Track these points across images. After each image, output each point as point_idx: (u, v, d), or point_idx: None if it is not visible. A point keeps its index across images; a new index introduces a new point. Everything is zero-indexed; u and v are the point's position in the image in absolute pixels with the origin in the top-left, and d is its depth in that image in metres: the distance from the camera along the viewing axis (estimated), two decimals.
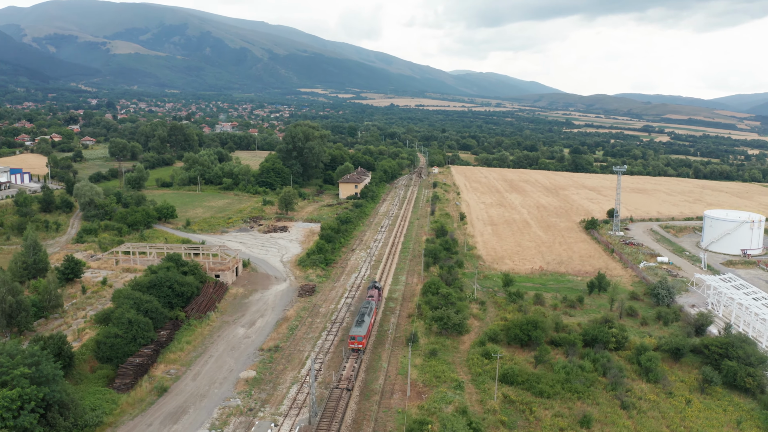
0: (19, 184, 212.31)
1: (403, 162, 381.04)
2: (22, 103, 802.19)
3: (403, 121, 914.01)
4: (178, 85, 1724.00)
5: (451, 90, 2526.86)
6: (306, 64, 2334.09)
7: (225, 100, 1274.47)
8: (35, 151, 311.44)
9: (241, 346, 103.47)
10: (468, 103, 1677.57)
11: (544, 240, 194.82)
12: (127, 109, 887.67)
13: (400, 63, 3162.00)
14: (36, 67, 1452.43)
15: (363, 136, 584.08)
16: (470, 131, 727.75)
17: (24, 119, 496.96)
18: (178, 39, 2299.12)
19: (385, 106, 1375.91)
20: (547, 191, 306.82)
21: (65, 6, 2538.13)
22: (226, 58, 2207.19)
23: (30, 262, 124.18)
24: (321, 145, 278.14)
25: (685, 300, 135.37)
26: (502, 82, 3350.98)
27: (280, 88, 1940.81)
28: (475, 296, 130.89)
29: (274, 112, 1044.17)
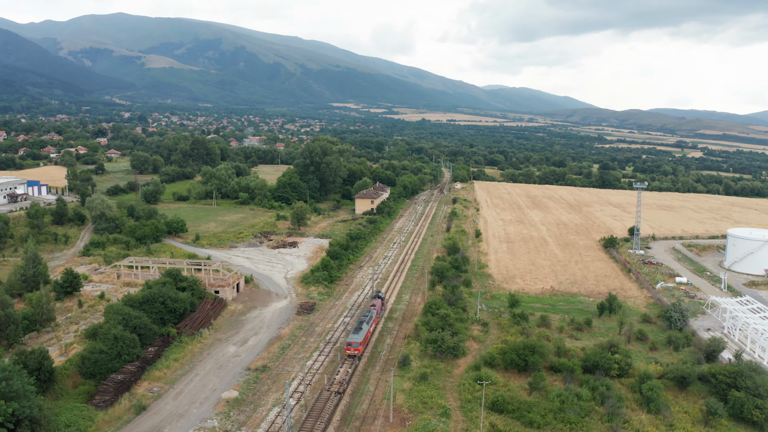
0: (36, 196, 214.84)
1: (425, 177, 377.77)
2: (56, 115, 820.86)
3: (433, 136, 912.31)
4: (212, 99, 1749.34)
5: (483, 105, 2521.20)
6: (339, 79, 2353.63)
7: (257, 114, 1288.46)
8: (59, 164, 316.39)
9: (229, 364, 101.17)
10: (500, 118, 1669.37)
11: (559, 258, 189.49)
12: (158, 123, 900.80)
13: (432, 78, 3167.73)
14: (71, 80, 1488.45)
15: (390, 151, 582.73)
16: (500, 146, 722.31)
17: (53, 131, 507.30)
18: (212, 53, 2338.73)
19: (416, 121, 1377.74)
20: (570, 208, 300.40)
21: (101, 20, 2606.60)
22: (259, 73, 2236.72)
23: (29, 275, 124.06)
24: (339, 160, 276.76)
25: (701, 323, 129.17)
26: (536, 97, 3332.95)
27: (313, 103, 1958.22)
28: (478, 317, 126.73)
29: (305, 126, 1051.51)
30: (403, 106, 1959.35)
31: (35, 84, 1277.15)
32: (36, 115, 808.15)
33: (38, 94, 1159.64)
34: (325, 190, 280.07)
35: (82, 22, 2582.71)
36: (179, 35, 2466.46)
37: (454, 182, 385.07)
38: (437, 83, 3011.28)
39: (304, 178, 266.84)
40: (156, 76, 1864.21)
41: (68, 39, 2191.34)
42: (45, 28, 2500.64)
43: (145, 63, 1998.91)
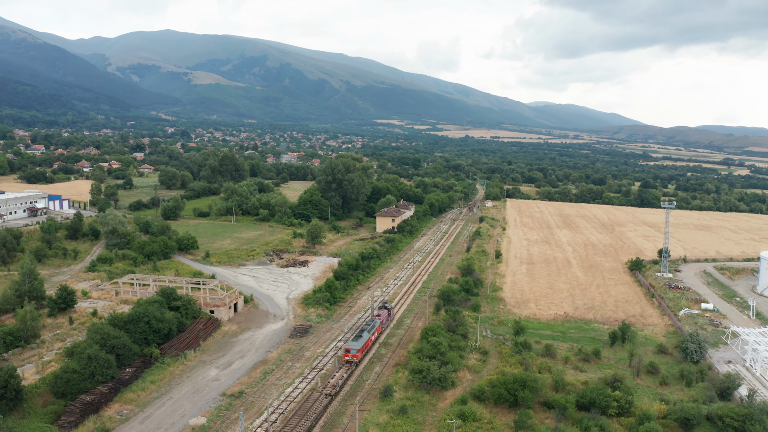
0: (57, 210, 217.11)
1: (456, 195, 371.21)
2: (100, 130, 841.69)
3: (475, 153, 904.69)
4: (257, 115, 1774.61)
5: (528, 122, 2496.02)
6: (383, 96, 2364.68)
7: (300, 130, 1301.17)
8: (90, 178, 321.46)
9: (206, 389, 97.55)
10: (545, 135, 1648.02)
11: (581, 282, 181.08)
12: (201, 138, 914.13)
13: (477, 94, 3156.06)
14: (118, 96, 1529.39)
15: (426, 168, 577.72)
16: (541, 164, 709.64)
17: (92, 146, 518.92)
18: (258, 70, 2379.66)
19: (459, 138, 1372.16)
20: (602, 227, 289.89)
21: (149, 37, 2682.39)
22: (304, 89, 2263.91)
23: (23, 290, 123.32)
24: (362, 178, 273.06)
25: (721, 355, 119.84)
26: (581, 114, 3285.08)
27: (357, 119, 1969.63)
28: (479, 345, 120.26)
29: (347, 143, 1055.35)
30: (447, 123, 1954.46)
31: (82, 99, 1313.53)
32: (81, 129, 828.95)
33: (85, 109, 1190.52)
34: (348, 207, 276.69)
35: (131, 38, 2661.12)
36: (226, 52, 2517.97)
37: (485, 200, 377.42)
38: (482, 100, 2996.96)
39: (325, 195, 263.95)
40: (202, 92, 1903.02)
41: (117, 55, 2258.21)
42: (94, 44, 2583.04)
43: (192, 79, 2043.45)
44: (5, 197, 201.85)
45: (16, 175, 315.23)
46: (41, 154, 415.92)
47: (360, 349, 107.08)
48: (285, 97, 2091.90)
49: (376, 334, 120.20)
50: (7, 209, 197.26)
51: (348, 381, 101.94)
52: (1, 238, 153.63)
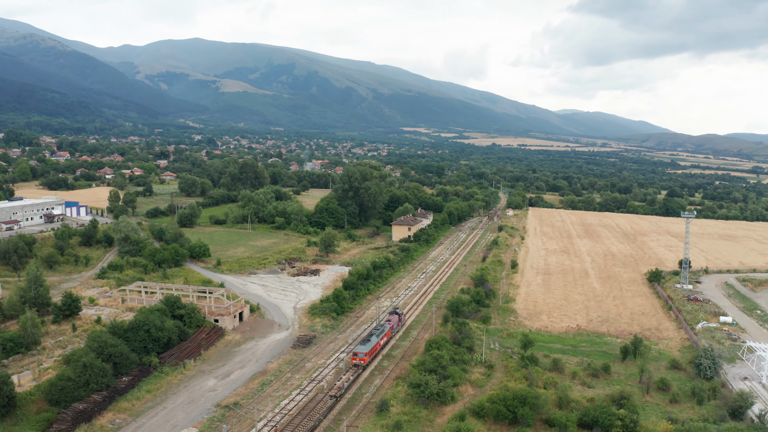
0: (75, 217, 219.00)
1: (476, 204, 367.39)
2: (128, 137, 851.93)
3: (500, 161, 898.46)
4: (284, 123, 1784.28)
5: (556, 129, 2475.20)
6: (410, 104, 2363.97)
7: (327, 138, 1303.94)
8: (111, 185, 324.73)
9: (201, 399, 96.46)
10: (572, 143, 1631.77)
11: (597, 293, 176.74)
12: (227, 146, 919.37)
13: (505, 102, 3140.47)
14: (146, 103, 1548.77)
15: (450, 177, 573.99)
16: (567, 172, 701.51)
17: (116, 153, 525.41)
18: (285, 78, 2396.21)
19: (486, 146, 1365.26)
20: (623, 237, 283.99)
21: (178, 45, 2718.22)
22: (331, 97, 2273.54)
23: (29, 297, 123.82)
24: (379, 186, 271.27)
25: (737, 371, 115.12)
26: (610, 122, 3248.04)
27: (384, 127, 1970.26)
28: (484, 359, 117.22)
29: (372, 151, 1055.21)
30: (474, 131, 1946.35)
31: (111, 106, 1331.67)
32: (108, 136, 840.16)
33: (113, 116, 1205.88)
34: (365, 216, 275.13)
35: (160, 46, 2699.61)
36: (254, 60, 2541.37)
37: (507, 209, 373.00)
38: (510, 108, 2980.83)
39: (342, 204, 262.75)
40: (230, 100, 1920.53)
41: (145, 63, 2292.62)
42: (123, 52, 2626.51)
43: (220, 87, 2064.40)
44: (22, 203, 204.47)
45: (39, 182, 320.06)
46: (65, 161, 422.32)
47: (367, 353, 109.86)
48: (312, 105, 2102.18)
49: (385, 338, 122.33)
50: (23, 215, 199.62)
51: (354, 384, 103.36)
52: (12, 245, 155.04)
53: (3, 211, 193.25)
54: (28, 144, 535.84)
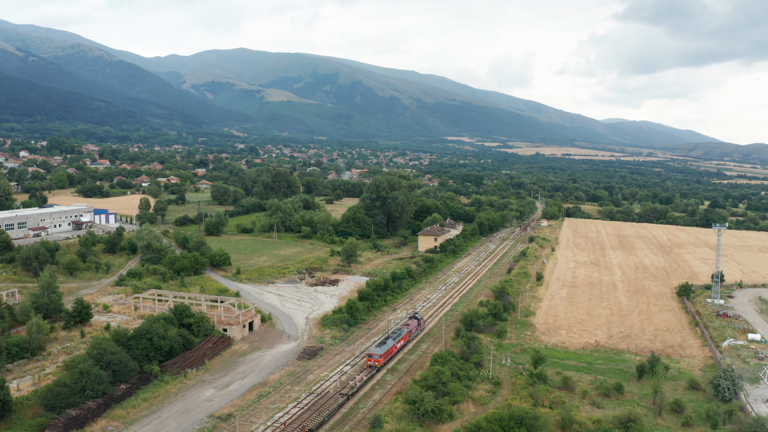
0: (103, 224, 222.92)
1: (510, 214, 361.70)
2: (171, 145, 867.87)
3: (543, 171, 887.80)
4: (327, 132, 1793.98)
5: (601, 139, 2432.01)
6: (454, 113, 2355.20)
7: (369, 147, 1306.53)
8: (146, 193, 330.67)
9: (197, 409, 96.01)
10: (618, 153, 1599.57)
11: (622, 308, 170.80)
12: (269, 155, 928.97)
13: (550, 111, 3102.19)
14: (191, 112, 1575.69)
15: (488, 186, 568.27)
16: (610, 182, 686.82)
17: (156, 161, 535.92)
18: (329, 88, 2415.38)
19: (529, 155, 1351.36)
20: (659, 249, 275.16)
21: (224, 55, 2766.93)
22: (375, 107, 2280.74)
23: (41, 303, 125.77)
24: (406, 195, 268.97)
25: (760, 393, 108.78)
26: (656, 131, 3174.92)
27: (427, 137, 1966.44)
28: (491, 375, 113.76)
29: (414, 160, 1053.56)
30: (518, 140, 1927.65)
31: (156, 115, 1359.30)
32: (152, 144, 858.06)
33: (158, 125, 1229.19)
34: (393, 225, 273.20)
35: (206, 56, 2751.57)
36: (298, 70, 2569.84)
37: (541, 219, 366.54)
38: (554, 117, 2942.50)
39: (369, 213, 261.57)
40: (274, 109, 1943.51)
41: (191, 73, 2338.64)
42: (170, 62, 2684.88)
43: (265, 96, 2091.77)
44: (50, 210, 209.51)
45: (75, 189, 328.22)
46: (104, 169, 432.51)
47: (382, 355, 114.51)
48: (356, 115, 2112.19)
49: (402, 342, 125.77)
50: (51, 222, 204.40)
51: (367, 384, 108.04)
52: (34, 251, 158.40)
53: (31, 218, 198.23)
54: (71, 152, 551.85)
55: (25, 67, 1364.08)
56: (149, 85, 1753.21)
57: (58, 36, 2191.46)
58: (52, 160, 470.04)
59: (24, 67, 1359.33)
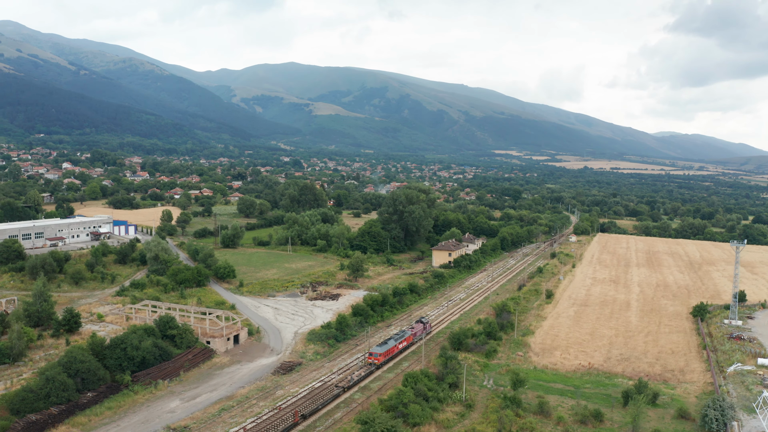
0: (122, 236, 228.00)
1: (537, 229, 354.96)
2: (217, 158, 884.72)
3: (588, 185, 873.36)
4: (374, 146, 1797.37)
5: (652, 152, 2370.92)
6: (502, 126, 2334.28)
7: (415, 160, 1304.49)
8: (176, 205, 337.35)
9: (156, 420, 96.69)
10: (668, 167, 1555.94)
11: (630, 328, 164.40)
12: (313, 168, 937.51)
13: (600, 125, 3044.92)
14: (239, 126, 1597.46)
15: (525, 200, 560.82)
16: (655, 196, 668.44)
17: (195, 174, 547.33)
18: (377, 101, 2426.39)
19: (577, 169, 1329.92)
20: (687, 266, 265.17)
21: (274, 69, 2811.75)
22: (423, 120, 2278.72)
23: (32, 311, 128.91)
24: (424, 210, 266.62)
25: (756, 424, 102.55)
26: (708, 144, 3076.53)
27: (475, 150, 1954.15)
28: (465, 396, 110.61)
29: (458, 173, 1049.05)
30: (567, 154, 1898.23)
31: (204, 128, 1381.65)
32: (198, 157, 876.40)
33: (206, 138, 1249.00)
34: (411, 240, 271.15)
35: (256, 70, 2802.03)
36: (347, 83, 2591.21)
37: (571, 234, 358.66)
38: (605, 130, 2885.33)
39: (386, 227, 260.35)
40: (322, 122, 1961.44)
41: (241, 87, 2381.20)
42: (221, 76, 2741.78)
43: (313, 110, 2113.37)
44: (68, 221, 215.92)
45: (106, 201, 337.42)
46: (140, 181, 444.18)
47: (382, 353, 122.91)
48: (403, 128, 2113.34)
49: (405, 343, 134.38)
50: (69, 233, 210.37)
51: (365, 379, 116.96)
52: (41, 261, 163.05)
53: (48, 228, 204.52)
54: (112, 164, 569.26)
55: (77, 80, 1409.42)
56: (199, 98, 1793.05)
57: (110, 50, 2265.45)
58: (92, 172, 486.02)
59: (76, 80, 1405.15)
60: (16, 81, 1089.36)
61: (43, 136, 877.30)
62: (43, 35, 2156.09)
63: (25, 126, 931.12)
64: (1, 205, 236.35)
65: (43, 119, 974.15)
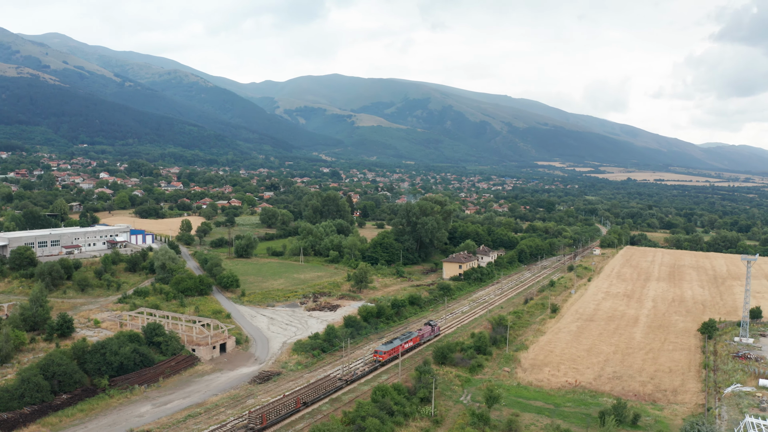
0: (139, 245, 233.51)
1: (561, 241, 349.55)
2: (257, 169, 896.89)
3: (630, 197, 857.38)
4: (416, 157, 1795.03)
5: (698, 164, 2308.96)
6: (545, 137, 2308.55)
7: (455, 171, 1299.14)
8: (201, 215, 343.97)
9: (122, 423, 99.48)
10: (713, 178, 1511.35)
11: (632, 344, 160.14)
12: (351, 179, 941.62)
13: (645, 136, 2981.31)
14: (282, 137, 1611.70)
15: (559, 212, 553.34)
16: (695, 208, 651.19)
17: (228, 184, 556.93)
18: (420, 113, 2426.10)
19: (620, 181, 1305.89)
20: (710, 281, 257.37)
21: (318, 81, 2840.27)
22: (465, 131, 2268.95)
23: (28, 315, 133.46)
24: (438, 221, 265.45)
25: None
26: (756, 156, 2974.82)
27: (517, 161, 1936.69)
28: (434, 412, 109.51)
29: (497, 185, 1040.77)
30: (610, 165, 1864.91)
31: (246, 139, 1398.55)
32: (238, 168, 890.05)
33: (247, 149, 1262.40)
34: (425, 251, 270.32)
35: (300, 82, 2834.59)
36: (390, 95, 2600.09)
37: (596, 247, 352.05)
38: (650, 141, 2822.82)
39: (400, 239, 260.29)
40: (364, 134, 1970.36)
41: (285, 98, 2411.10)
42: (265, 87, 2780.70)
43: (355, 122, 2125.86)
44: (84, 230, 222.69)
45: (133, 210, 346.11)
46: (171, 191, 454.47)
47: (387, 352, 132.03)
48: (445, 139, 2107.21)
49: (411, 343, 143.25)
50: (85, 241, 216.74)
51: (368, 375, 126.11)
52: (48, 267, 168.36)
53: (64, 236, 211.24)
54: (149, 174, 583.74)
55: (122, 92, 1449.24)
56: (242, 110, 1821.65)
57: (156, 62, 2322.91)
58: (127, 182, 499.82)
59: (120, 92, 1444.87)
60: (61, 92, 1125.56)
61: (86, 147, 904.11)
62: (89, 47, 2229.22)
63: (68, 136, 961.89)
64: (23, 214, 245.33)
65: (87, 130, 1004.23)
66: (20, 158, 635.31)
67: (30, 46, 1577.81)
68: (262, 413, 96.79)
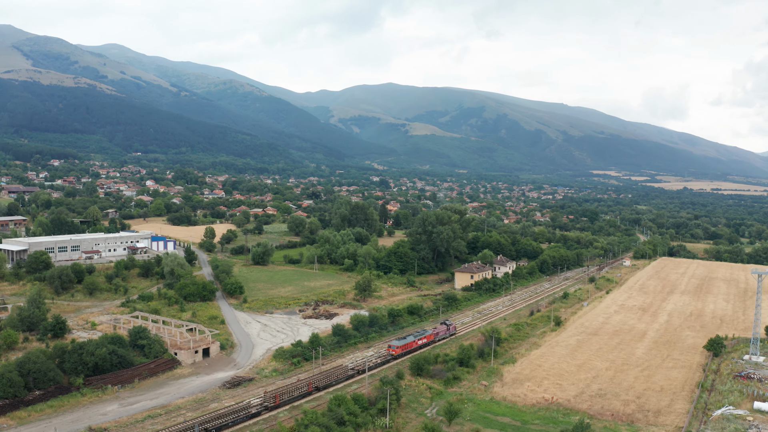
0: (160, 251, 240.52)
1: (590, 252, 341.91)
2: (308, 177, 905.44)
3: (683, 206, 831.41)
4: (469, 166, 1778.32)
5: (758, 173, 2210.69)
6: (601, 146, 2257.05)
7: (508, 180, 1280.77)
8: (233, 222, 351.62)
9: (84, 420, 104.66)
10: None
11: (629, 361, 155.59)
12: (400, 187, 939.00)
13: (704, 144, 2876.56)
14: (335, 146, 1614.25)
15: (601, 223, 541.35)
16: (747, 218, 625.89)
17: (270, 192, 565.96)
18: (474, 121, 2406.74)
19: (675, 190, 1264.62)
20: (739, 294, 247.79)
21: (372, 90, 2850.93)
22: (520, 140, 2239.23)
23: (25, 316, 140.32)
24: (453, 231, 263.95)
25: None
26: None
27: (572, 170, 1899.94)
28: (389, 423, 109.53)
29: (548, 194, 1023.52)
30: (667, 174, 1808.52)
31: (299, 148, 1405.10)
32: (288, 176, 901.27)
33: (299, 158, 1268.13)
34: (442, 261, 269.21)
35: (354, 91, 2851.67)
36: (444, 104, 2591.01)
37: (626, 258, 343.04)
38: (709, 149, 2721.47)
39: (415, 248, 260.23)
40: (417, 142, 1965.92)
41: (340, 107, 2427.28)
42: (320, 97, 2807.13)
43: (409, 130, 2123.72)
44: (105, 236, 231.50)
45: (167, 217, 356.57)
46: (210, 199, 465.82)
47: (400, 346, 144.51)
48: (499, 148, 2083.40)
49: (424, 340, 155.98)
50: (105, 247, 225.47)
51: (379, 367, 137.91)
52: (58, 272, 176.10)
53: (85, 242, 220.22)
54: (194, 182, 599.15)
55: (177, 101, 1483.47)
56: (296, 119, 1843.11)
57: (212, 72, 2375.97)
58: (171, 190, 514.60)
59: (176, 101, 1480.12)
60: (117, 102, 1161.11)
61: (139, 155, 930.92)
62: (147, 58, 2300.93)
63: (123, 145, 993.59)
64: (51, 220, 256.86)
65: (141, 138, 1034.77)
66: (71, 166, 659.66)
67: (89, 57, 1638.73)
68: (275, 393, 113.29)
